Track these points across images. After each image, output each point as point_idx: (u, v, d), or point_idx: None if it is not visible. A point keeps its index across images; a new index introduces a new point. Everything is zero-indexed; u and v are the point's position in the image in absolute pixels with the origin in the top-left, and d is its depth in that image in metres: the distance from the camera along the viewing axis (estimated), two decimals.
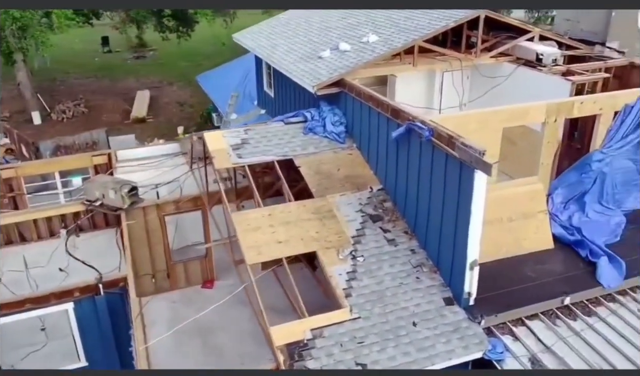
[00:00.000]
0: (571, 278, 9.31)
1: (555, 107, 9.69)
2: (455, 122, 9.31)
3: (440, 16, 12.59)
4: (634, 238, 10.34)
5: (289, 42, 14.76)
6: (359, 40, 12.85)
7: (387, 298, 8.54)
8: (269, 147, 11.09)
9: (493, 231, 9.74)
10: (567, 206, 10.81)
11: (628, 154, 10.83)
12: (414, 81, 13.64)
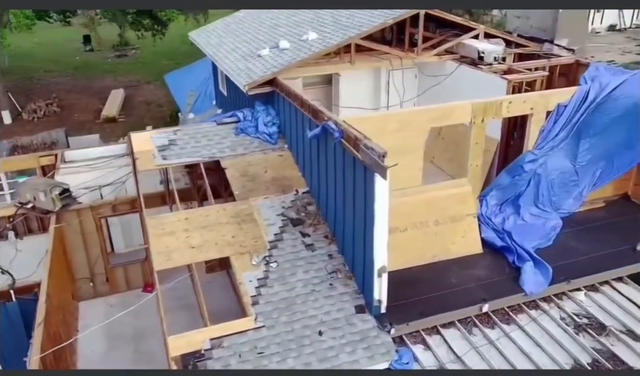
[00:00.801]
0: (494, 284, 8.98)
1: (481, 106, 9.36)
2: (375, 122, 9.05)
3: (382, 14, 12.25)
4: (567, 241, 10.01)
5: (236, 40, 14.44)
6: (299, 38, 12.52)
7: (296, 305, 8.23)
8: (197, 149, 10.79)
9: (419, 235, 9.46)
10: (503, 209, 10.48)
11: (565, 155, 10.50)
12: (359, 79, 13.32)
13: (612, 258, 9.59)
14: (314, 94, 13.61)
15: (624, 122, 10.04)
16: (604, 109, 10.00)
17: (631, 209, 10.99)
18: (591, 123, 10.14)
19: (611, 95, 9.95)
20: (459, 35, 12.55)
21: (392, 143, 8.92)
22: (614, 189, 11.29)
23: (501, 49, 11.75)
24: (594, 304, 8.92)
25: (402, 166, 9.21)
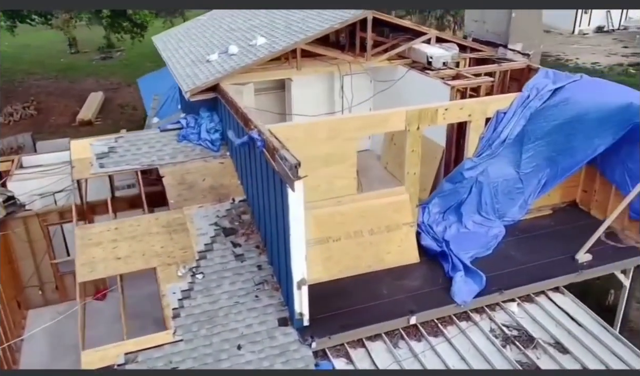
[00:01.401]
0: (426, 294, 8.83)
1: (416, 114, 9.19)
2: (304, 131, 8.88)
3: (331, 18, 12.09)
4: (507, 250, 9.86)
5: (192, 44, 14.30)
6: (249, 43, 12.36)
7: (218, 318, 8.08)
8: (137, 156, 10.64)
9: (353, 245, 9.32)
10: (446, 217, 10.34)
11: (509, 162, 10.34)
12: (312, 84, 13.14)
13: (550, 267, 9.44)
14: (267, 100, 13.54)
15: (565, 128, 9.87)
16: (544, 115, 9.84)
17: (578, 217, 10.84)
18: (532, 130, 9.97)
19: (551, 101, 9.78)
20: (411, 39, 12.38)
21: (323, 152, 8.86)
22: (562, 197, 11.15)
23: (449, 54, 11.58)
24: (526, 315, 8.77)
25: (335, 174, 9.16)
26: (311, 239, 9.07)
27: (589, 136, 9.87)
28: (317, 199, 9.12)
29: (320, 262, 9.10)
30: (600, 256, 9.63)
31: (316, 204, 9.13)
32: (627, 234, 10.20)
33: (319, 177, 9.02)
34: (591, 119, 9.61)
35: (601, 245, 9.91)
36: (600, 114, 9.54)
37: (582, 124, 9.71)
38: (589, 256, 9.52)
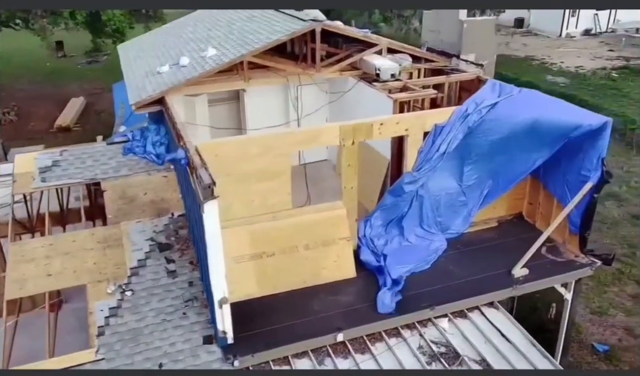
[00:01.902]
0: (358, 310, 8.81)
1: (350, 129, 9.18)
2: (236, 147, 8.86)
3: (283, 29, 12.06)
4: (446, 265, 9.84)
5: (150, 54, 14.29)
6: (200, 54, 12.36)
7: (143, 337, 8.06)
8: (80, 170, 10.63)
9: (287, 260, 9.31)
10: (388, 230, 10.33)
11: (451, 175, 10.32)
12: (267, 95, 13.15)
13: (486, 282, 9.42)
14: (221, 111, 13.55)
15: (503, 142, 9.83)
16: (483, 129, 9.79)
17: (523, 229, 10.80)
18: (473, 143, 9.94)
19: (489, 115, 9.75)
20: (363, 50, 12.36)
21: (256, 167, 8.86)
22: (508, 209, 11.12)
23: (397, 66, 11.55)
24: (457, 331, 8.74)
25: (269, 190, 9.15)
26: (245, 254, 9.09)
27: (526, 150, 9.86)
28: (251, 214, 9.13)
29: (253, 278, 9.10)
30: (538, 270, 9.60)
31: (251, 220, 9.14)
32: (568, 247, 10.18)
33: (253, 192, 9.04)
34: (527, 133, 9.59)
35: (540, 259, 9.89)
36: (536, 128, 9.52)
37: (519, 138, 9.69)
38: (525, 271, 9.50)
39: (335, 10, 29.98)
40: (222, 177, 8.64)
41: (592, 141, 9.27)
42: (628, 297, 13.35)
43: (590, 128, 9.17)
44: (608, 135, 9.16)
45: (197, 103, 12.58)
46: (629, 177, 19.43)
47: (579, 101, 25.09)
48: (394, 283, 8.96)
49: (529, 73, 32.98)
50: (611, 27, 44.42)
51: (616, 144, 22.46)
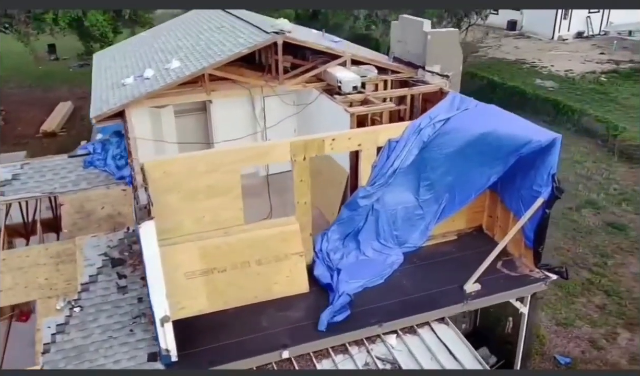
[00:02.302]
0: (306, 327, 8.83)
1: (301, 145, 9.20)
2: (183, 164, 8.87)
3: (247, 42, 12.08)
4: (400, 279, 9.85)
5: (119, 64, 14.33)
6: (164, 66, 12.39)
7: (88, 354, 8.10)
8: (39, 184, 10.69)
9: (239, 275, 9.34)
10: (346, 244, 10.35)
11: (408, 189, 10.33)
12: (233, 106, 13.19)
13: (439, 297, 9.44)
14: (188, 122, 13.58)
15: (458, 156, 9.85)
16: (437, 144, 9.82)
17: (482, 242, 10.80)
18: (428, 157, 9.96)
19: (444, 129, 9.76)
20: (328, 62, 12.38)
21: (205, 184, 8.90)
22: (468, 222, 11.13)
23: (359, 79, 11.56)
24: (404, 348, 8.76)
25: (220, 206, 9.18)
26: (196, 270, 9.13)
27: (480, 164, 9.87)
28: (203, 230, 9.16)
29: (204, 294, 9.13)
30: (491, 285, 9.61)
31: (202, 236, 9.17)
32: (524, 261, 10.19)
33: (203, 209, 9.07)
34: (480, 148, 9.60)
35: (495, 273, 9.90)
36: (487, 143, 9.53)
37: (472, 153, 9.70)
38: (477, 286, 9.51)
39: (322, 15, 30.04)
40: (171, 194, 8.75)
41: (543, 157, 9.27)
42: (595, 308, 13.33)
43: (539, 144, 9.16)
44: (557, 151, 9.14)
45: (163, 115, 12.63)
46: (608, 185, 19.39)
47: (562, 106, 25.16)
48: (340, 301, 8.96)
49: (518, 77, 32.92)
50: (604, 29, 44.30)
51: (598, 150, 22.49)
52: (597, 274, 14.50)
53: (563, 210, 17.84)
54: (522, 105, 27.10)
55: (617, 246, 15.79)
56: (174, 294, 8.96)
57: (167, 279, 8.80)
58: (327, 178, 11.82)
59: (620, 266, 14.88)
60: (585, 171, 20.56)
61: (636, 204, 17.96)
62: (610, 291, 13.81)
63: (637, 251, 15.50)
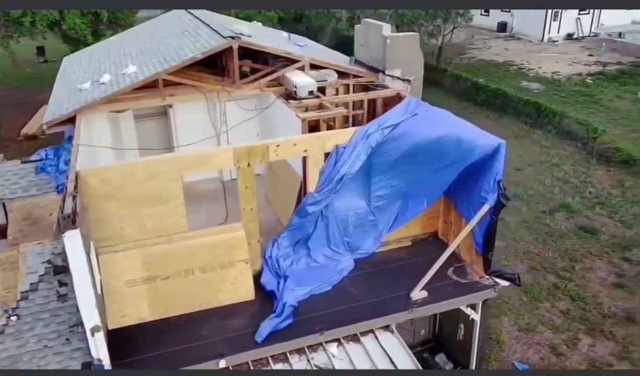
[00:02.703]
0: (247, 335, 8.72)
1: (245, 151, 9.10)
2: (121, 171, 8.76)
3: (202, 46, 11.99)
4: (347, 286, 9.76)
5: (82, 69, 14.29)
6: (122, 70, 12.31)
7: (21, 364, 8.00)
8: None
9: (182, 283, 9.24)
10: (297, 250, 10.26)
11: (359, 195, 10.23)
12: (194, 110, 13.05)
13: (385, 304, 9.33)
14: (149, 126, 13.49)
15: (408, 161, 9.74)
16: (386, 149, 9.71)
17: (436, 248, 10.63)
18: (378, 163, 9.86)
19: (392, 134, 9.65)
20: (287, 66, 12.29)
21: (145, 192, 8.80)
22: (423, 227, 11.03)
23: (314, 83, 11.46)
24: (346, 356, 8.66)
25: (162, 214, 9.08)
26: (138, 278, 9.03)
27: (431, 171, 9.76)
28: (145, 237, 9.07)
29: (145, 302, 9.03)
30: (439, 292, 9.51)
31: (144, 243, 9.08)
32: (475, 268, 10.08)
33: (145, 216, 8.97)
34: (428, 154, 9.50)
35: (445, 280, 9.81)
36: (435, 149, 9.43)
37: (421, 158, 9.60)
38: (424, 293, 9.40)
39: (305, 17, 29.96)
40: (110, 201, 8.66)
41: (490, 162, 9.17)
42: (559, 313, 13.22)
43: (484, 150, 9.06)
44: (502, 157, 9.04)
45: (122, 120, 12.53)
46: (584, 188, 19.28)
47: (544, 108, 25.06)
48: (282, 311, 8.86)
49: (505, 79, 32.83)
50: (594, 31, 44.18)
51: (578, 153, 22.39)
52: (564, 279, 14.39)
53: (537, 214, 17.77)
54: (504, 107, 27.08)
55: (587, 250, 15.67)
56: (115, 302, 8.93)
57: (107, 288, 8.82)
58: (283, 183, 11.73)
59: (588, 270, 14.76)
60: (562, 174, 20.45)
61: (610, 208, 17.86)
62: (576, 296, 13.69)
63: (607, 255, 15.39)
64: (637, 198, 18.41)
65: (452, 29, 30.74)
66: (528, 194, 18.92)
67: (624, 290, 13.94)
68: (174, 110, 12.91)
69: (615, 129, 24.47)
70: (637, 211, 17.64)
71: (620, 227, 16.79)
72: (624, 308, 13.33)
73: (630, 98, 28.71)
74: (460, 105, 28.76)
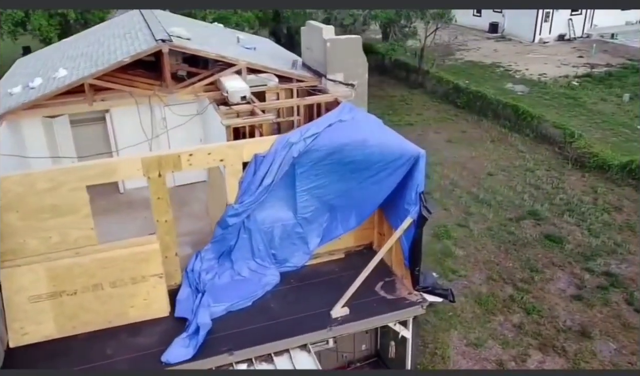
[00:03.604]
0: (153, 354, 8.29)
1: (155, 160, 8.68)
2: (20, 182, 8.31)
3: (134, 49, 11.57)
4: (268, 302, 9.31)
5: (25, 72, 13.91)
6: (53, 74, 11.91)
7: None
8: None
9: (90, 299, 8.84)
10: (221, 263, 9.83)
11: (286, 206, 9.80)
12: (132, 114, 12.63)
13: (304, 321, 8.88)
14: (87, 132, 13.08)
15: (333, 172, 9.30)
16: (309, 159, 9.26)
17: (368, 261, 10.18)
18: (301, 173, 9.43)
19: (315, 144, 9.19)
20: (224, 70, 11.86)
21: (48, 203, 8.39)
22: (357, 239, 10.58)
23: (246, 88, 11.02)
24: None
25: (68, 225, 8.67)
26: (42, 294, 8.64)
27: (357, 181, 9.31)
28: (50, 251, 8.65)
29: (51, 318, 8.63)
30: (362, 309, 9.06)
31: (50, 257, 8.67)
32: (405, 283, 9.61)
33: (49, 228, 8.57)
34: (352, 164, 9.06)
35: (371, 296, 9.37)
36: (360, 160, 8.98)
37: (346, 169, 9.16)
38: (345, 311, 8.94)
39: (284, 17, 29.52)
40: (10, 213, 8.26)
41: (411, 173, 8.70)
42: (512, 327, 12.70)
43: (404, 160, 8.59)
44: (422, 168, 8.57)
45: (56, 124, 12.13)
46: (555, 194, 18.72)
47: (522, 111, 24.55)
48: (193, 329, 8.41)
49: (490, 81, 32.29)
50: (586, 32, 43.54)
51: (554, 157, 21.83)
52: (522, 290, 13.86)
53: (503, 221, 17.25)
54: (484, 110, 26.55)
55: (549, 260, 15.14)
56: (17, 319, 8.54)
57: (9, 303, 8.42)
58: (217, 191, 11.26)
59: (548, 281, 14.23)
60: (535, 180, 19.90)
61: (579, 216, 17.31)
62: (531, 309, 13.16)
63: (569, 265, 14.86)
64: (608, 206, 17.86)
65: (434, 30, 30.20)
66: (496, 201, 18.40)
67: (582, 303, 13.41)
68: (110, 115, 12.48)
69: (596, 132, 23.89)
70: (607, 219, 17.09)
71: (588, 236, 16.24)
72: (580, 321, 12.81)
73: (615, 101, 28.11)
74: (440, 107, 28.29)
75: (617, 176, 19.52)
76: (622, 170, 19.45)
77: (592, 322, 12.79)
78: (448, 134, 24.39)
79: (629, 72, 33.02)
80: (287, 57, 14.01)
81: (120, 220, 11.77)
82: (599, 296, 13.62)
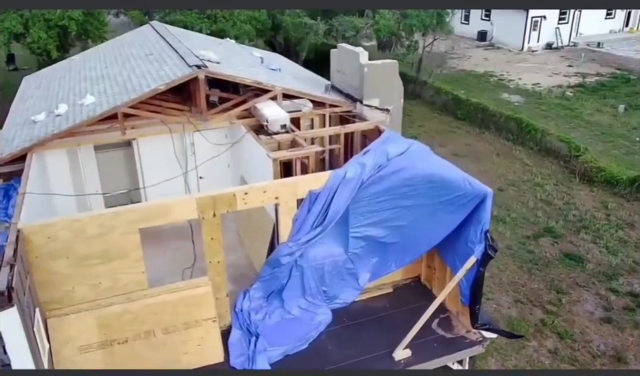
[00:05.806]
0: None
1: (210, 201, 8.29)
2: (69, 228, 7.80)
3: (166, 75, 11.13)
4: (324, 343, 8.98)
5: (42, 94, 13.30)
6: (79, 100, 11.38)
7: None
8: None
9: (142, 347, 8.38)
10: (270, 302, 9.45)
11: (337, 241, 9.48)
12: (161, 141, 12.16)
13: (364, 365, 8.57)
14: (111, 158, 12.54)
15: (390, 209, 9.03)
16: (368, 194, 8.97)
17: (419, 296, 9.97)
18: (355, 208, 9.12)
19: (376, 178, 8.89)
20: (259, 95, 11.50)
21: (98, 249, 7.94)
22: (405, 273, 10.31)
23: (286, 117, 10.69)
24: None
25: (118, 270, 8.21)
26: (93, 343, 8.16)
27: (415, 218, 9.04)
28: (100, 297, 8.19)
29: (102, 369, 8.15)
30: (423, 350, 8.79)
31: (99, 304, 8.20)
32: (461, 319, 9.39)
33: (98, 274, 8.10)
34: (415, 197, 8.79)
35: (429, 335, 9.09)
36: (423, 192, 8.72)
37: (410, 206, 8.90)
38: (407, 353, 8.68)
39: (283, 27, 29.14)
40: (58, 260, 7.79)
41: (476, 211, 8.48)
42: (547, 353, 12.64)
43: (470, 198, 8.38)
44: (489, 207, 8.36)
45: (80, 153, 11.59)
46: (568, 210, 18.81)
47: (525, 124, 24.66)
48: None
49: (486, 91, 32.49)
50: (573, 40, 44.23)
51: (561, 171, 21.96)
52: (551, 313, 13.83)
53: (521, 239, 17.24)
54: (485, 122, 26.62)
55: (572, 280, 15.15)
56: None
57: (58, 356, 7.94)
58: (255, 225, 10.91)
59: (575, 303, 14.23)
60: (546, 195, 19.99)
61: (594, 233, 17.40)
62: (564, 334, 13.13)
63: (593, 285, 14.89)
64: (620, 222, 18.00)
65: (432, 41, 30.21)
66: (511, 218, 18.39)
67: (612, 326, 13.42)
68: (137, 142, 11.99)
69: (597, 145, 24.18)
70: (622, 236, 17.21)
71: (606, 254, 16.32)
72: (613, 345, 12.81)
73: (610, 112, 28.52)
74: (441, 119, 28.29)
75: (625, 191, 19.71)
76: (631, 185, 19.64)
77: (625, 346, 12.80)
78: (453, 147, 24.37)
79: (619, 82, 33.60)
80: (314, 79, 13.70)
81: (149, 254, 11.28)
82: (627, 318, 13.66)
